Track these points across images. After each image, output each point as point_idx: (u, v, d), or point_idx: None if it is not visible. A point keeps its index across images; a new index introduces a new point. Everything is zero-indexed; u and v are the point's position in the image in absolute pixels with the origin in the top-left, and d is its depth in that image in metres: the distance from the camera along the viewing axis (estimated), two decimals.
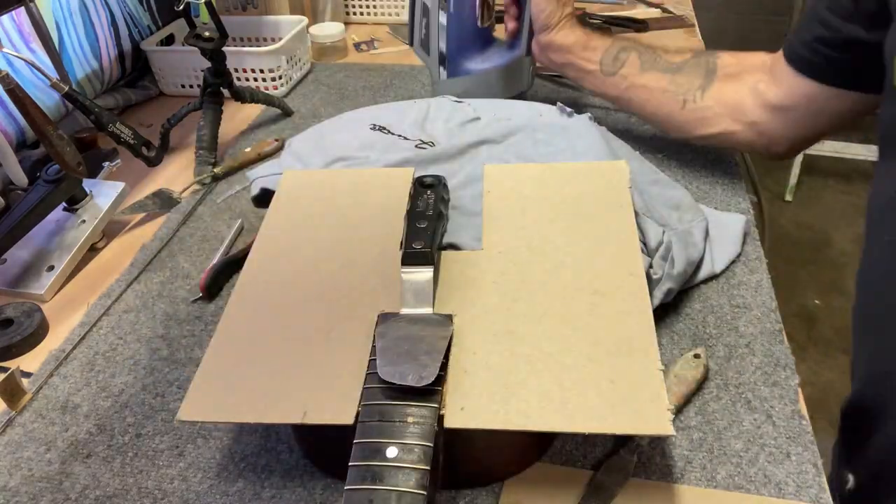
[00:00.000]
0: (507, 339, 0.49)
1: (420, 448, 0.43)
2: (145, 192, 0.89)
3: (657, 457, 0.54)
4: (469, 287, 0.54)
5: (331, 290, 0.55)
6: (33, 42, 0.97)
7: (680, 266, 0.65)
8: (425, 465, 0.42)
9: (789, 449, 0.54)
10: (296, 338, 0.52)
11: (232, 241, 0.80)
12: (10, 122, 0.92)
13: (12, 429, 0.60)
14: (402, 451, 0.43)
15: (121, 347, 0.67)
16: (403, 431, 0.44)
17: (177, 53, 1.16)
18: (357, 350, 0.49)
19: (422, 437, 0.44)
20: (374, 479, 0.42)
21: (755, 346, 0.63)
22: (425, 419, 0.44)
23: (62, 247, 0.78)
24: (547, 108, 0.79)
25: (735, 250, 0.73)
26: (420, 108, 0.81)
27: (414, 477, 0.42)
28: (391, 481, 0.42)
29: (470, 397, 0.46)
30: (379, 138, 0.75)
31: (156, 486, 0.54)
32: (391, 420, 0.44)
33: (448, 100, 0.83)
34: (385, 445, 0.43)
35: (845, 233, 2.31)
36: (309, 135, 0.80)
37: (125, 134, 0.87)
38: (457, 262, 0.56)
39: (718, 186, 0.84)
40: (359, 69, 1.23)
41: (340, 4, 1.41)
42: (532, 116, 0.77)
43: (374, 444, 0.43)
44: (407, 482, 0.42)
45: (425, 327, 0.50)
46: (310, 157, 0.74)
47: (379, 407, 0.45)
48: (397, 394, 0.45)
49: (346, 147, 0.74)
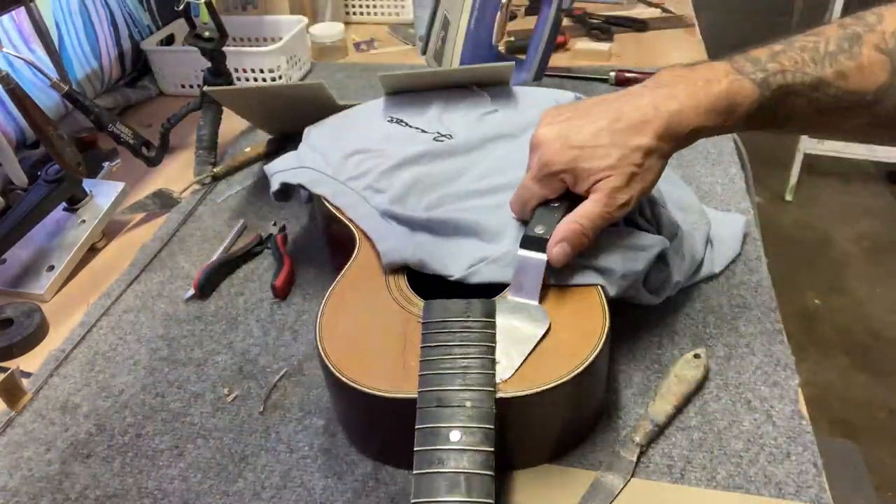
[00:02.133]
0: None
1: (481, 431, 0.45)
2: (145, 191, 0.89)
3: (657, 456, 0.54)
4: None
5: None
6: (33, 42, 0.97)
7: (687, 262, 0.65)
8: (489, 446, 0.44)
9: (789, 449, 0.54)
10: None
11: (232, 241, 0.80)
12: (10, 122, 0.92)
13: (12, 429, 0.60)
14: (464, 435, 0.45)
15: (120, 347, 0.67)
16: (463, 416, 0.46)
17: (177, 53, 1.16)
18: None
19: (482, 420, 0.45)
20: (441, 463, 0.44)
21: (755, 345, 0.63)
22: (483, 402, 0.46)
23: (62, 247, 0.78)
24: (566, 97, 0.78)
25: (735, 251, 0.73)
26: (437, 99, 0.80)
27: (479, 459, 0.44)
28: (458, 464, 0.43)
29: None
30: (397, 131, 0.75)
31: (156, 486, 0.54)
32: (450, 405, 0.46)
33: (465, 89, 0.81)
34: (447, 430, 0.45)
35: (846, 233, 2.31)
36: (326, 127, 0.79)
37: (125, 134, 0.87)
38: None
39: (718, 186, 0.84)
40: (359, 69, 1.23)
41: (340, 4, 1.41)
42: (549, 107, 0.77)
43: (435, 428, 0.45)
44: (473, 464, 0.43)
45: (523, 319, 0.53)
46: (328, 150, 0.73)
47: (437, 393, 0.47)
48: (454, 379, 0.48)
49: (364, 139, 0.74)
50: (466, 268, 0.58)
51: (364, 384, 0.49)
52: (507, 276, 0.56)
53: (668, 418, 0.56)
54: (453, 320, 0.52)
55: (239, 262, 0.76)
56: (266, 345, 0.66)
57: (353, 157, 0.71)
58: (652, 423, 0.55)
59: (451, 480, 0.43)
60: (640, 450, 0.54)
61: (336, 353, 0.52)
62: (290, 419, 0.59)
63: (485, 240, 0.60)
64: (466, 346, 0.50)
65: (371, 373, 0.50)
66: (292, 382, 0.62)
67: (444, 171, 0.68)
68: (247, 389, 0.62)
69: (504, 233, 0.59)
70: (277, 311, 0.70)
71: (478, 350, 0.50)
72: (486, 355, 0.50)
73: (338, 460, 0.55)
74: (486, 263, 0.58)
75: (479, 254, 0.59)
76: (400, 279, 0.59)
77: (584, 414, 0.55)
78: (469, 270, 0.58)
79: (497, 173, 0.66)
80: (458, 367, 0.49)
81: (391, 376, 0.50)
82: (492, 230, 0.60)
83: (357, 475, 0.54)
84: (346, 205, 0.66)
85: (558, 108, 0.57)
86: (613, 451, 0.54)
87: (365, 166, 0.70)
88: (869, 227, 2.33)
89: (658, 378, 0.60)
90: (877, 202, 2.46)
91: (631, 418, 0.57)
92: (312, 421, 0.58)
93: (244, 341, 0.67)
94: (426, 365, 0.49)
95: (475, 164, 0.69)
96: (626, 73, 1.09)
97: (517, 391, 0.48)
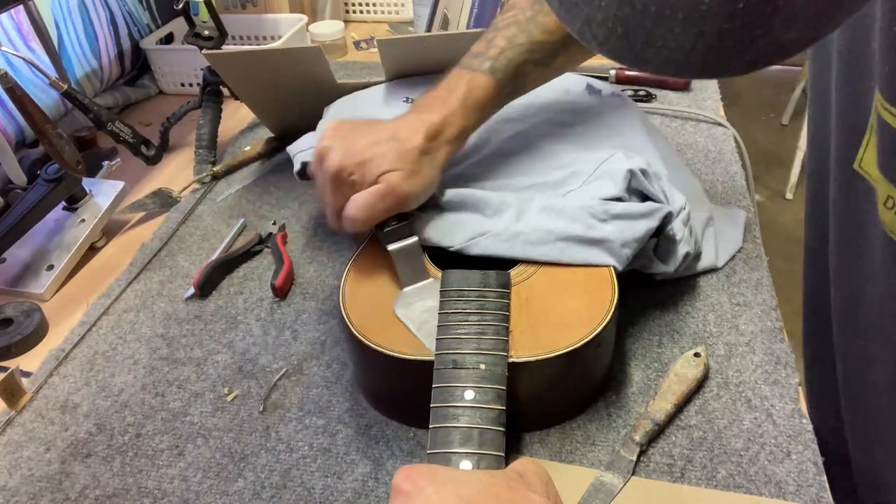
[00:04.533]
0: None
1: (494, 391, 0.48)
2: (145, 191, 0.89)
3: (657, 456, 0.54)
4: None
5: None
6: (32, 41, 0.97)
7: (693, 238, 0.66)
8: (500, 405, 0.47)
9: (790, 448, 0.54)
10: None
11: (232, 240, 0.80)
12: (9, 121, 0.92)
13: (12, 428, 0.60)
14: (478, 394, 0.47)
15: (120, 347, 0.67)
16: (477, 376, 0.49)
17: (176, 52, 1.15)
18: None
19: (495, 381, 0.48)
20: (455, 419, 0.46)
21: (756, 344, 0.63)
22: (497, 365, 0.49)
23: (62, 246, 0.78)
24: (576, 82, 0.79)
25: (737, 244, 0.73)
26: None
27: (491, 416, 0.46)
28: (471, 420, 0.46)
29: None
30: None
31: (156, 485, 0.54)
32: (465, 367, 0.50)
33: None
34: (462, 389, 0.48)
35: None
36: (346, 105, 0.82)
37: (124, 133, 0.87)
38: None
39: (719, 184, 0.84)
40: (358, 67, 1.22)
41: (340, 3, 1.41)
42: (559, 92, 0.78)
43: (451, 388, 0.48)
44: (486, 420, 0.46)
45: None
46: None
47: (453, 356, 0.51)
48: (468, 343, 0.51)
49: (383, 117, 0.75)
50: (466, 240, 0.61)
51: (386, 347, 0.53)
52: (504, 250, 0.59)
53: (668, 417, 0.56)
54: (470, 289, 0.56)
55: (239, 261, 0.76)
56: (266, 344, 0.66)
57: None
58: (652, 421, 0.54)
59: (465, 434, 0.45)
60: (640, 448, 0.54)
61: (359, 318, 0.55)
62: (289, 419, 0.59)
63: (487, 215, 0.62)
64: (482, 313, 0.54)
65: (392, 337, 0.54)
66: (292, 382, 0.62)
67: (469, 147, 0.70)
68: (247, 389, 0.62)
69: (505, 210, 0.62)
70: (277, 311, 0.70)
71: (493, 318, 0.53)
72: (501, 322, 0.53)
73: (338, 460, 0.55)
74: (486, 237, 0.60)
75: (480, 228, 0.61)
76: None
77: (593, 378, 0.58)
78: (469, 242, 0.60)
79: (501, 155, 0.69)
80: (474, 332, 0.52)
81: (411, 340, 0.54)
82: (494, 206, 0.62)
83: (357, 475, 0.54)
84: None
85: (338, 123, 0.63)
86: (614, 450, 0.54)
87: None
88: None
89: (658, 377, 0.60)
90: None
91: (631, 417, 0.57)
92: (312, 421, 0.58)
93: (244, 341, 0.67)
94: (443, 330, 0.53)
95: (485, 144, 0.71)
96: (626, 71, 1.09)
97: (529, 356, 0.51)
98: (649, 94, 1.03)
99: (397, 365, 0.53)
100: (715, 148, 0.91)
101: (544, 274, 0.58)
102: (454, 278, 0.57)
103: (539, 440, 0.55)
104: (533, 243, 0.59)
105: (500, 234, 0.60)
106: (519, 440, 0.55)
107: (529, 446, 0.55)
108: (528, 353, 0.51)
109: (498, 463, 0.44)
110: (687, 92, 1.05)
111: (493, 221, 0.61)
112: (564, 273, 0.58)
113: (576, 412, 0.57)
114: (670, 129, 0.96)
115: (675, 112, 0.99)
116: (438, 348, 0.51)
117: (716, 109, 1.00)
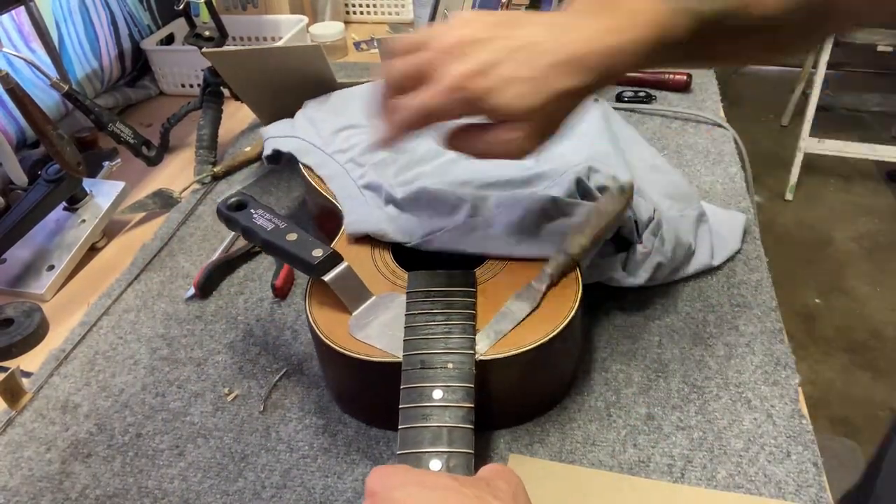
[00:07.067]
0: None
1: (462, 389, 0.48)
2: (145, 191, 0.89)
3: (657, 456, 0.54)
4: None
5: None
6: (33, 41, 0.97)
7: (669, 244, 0.66)
8: (469, 403, 0.47)
9: (789, 448, 0.54)
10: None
11: (232, 240, 0.80)
12: (10, 121, 0.92)
13: (12, 428, 0.60)
14: (446, 393, 0.47)
15: (121, 347, 0.67)
16: (445, 376, 0.49)
17: (177, 53, 1.15)
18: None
19: (462, 380, 0.48)
20: (425, 419, 0.46)
21: (755, 345, 0.63)
22: (464, 364, 0.50)
23: (62, 246, 0.78)
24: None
25: (735, 246, 0.73)
26: None
27: (460, 414, 0.46)
28: (440, 419, 0.46)
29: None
30: None
31: (156, 485, 0.54)
32: (433, 367, 0.49)
33: None
34: (430, 389, 0.48)
35: (846, 232, 2.31)
36: (324, 101, 0.83)
37: (125, 133, 0.87)
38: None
39: (719, 185, 0.84)
40: (359, 68, 1.22)
41: (340, 4, 1.41)
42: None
43: (419, 388, 0.48)
44: (455, 419, 0.46)
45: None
46: (321, 122, 0.78)
47: (421, 356, 0.50)
48: (436, 343, 0.51)
49: (357, 116, 0.77)
50: (423, 235, 0.61)
51: (352, 350, 0.52)
52: (460, 245, 0.60)
53: (583, 251, 0.57)
54: (436, 289, 0.56)
55: (239, 261, 0.76)
56: (266, 344, 0.66)
57: (343, 132, 0.76)
58: (565, 254, 0.56)
59: (435, 433, 0.45)
60: (551, 280, 0.56)
61: (326, 323, 0.55)
62: (290, 419, 0.59)
63: (444, 212, 0.63)
64: (448, 313, 0.54)
65: (359, 343, 0.53)
66: (292, 382, 0.62)
67: (427, 150, 0.70)
68: (247, 389, 0.62)
69: (461, 206, 0.63)
70: (277, 311, 0.70)
71: (459, 317, 0.53)
72: (468, 321, 0.53)
73: (338, 460, 0.55)
74: (443, 232, 0.61)
75: (438, 224, 0.62)
76: (385, 253, 0.62)
77: (561, 372, 0.59)
78: (426, 238, 0.61)
79: (457, 160, 0.69)
80: (441, 332, 0.52)
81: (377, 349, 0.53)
82: (451, 203, 0.63)
83: (357, 475, 0.54)
84: (328, 175, 0.71)
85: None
86: (529, 284, 0.56)
87: (352, 141, 0.74)
88: (869, 226, 2.33)
89: (658, 377, 0.60)
90: (877, 202, 2.46)
91: (632, 417, 0.57)
92: (312, 420, 0.58)
93: (244, 341, 0.67)
94: (411, 331, 0.52)
95: (443, 151, 0.71)
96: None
97: (495, 354, 0.51)
98: (649, 95, 1.03)
99: (366, 368, 0.52)
100: (715, 149, 0.91)
101: (510, 272, 0.59)
102: (420, 279, 0.57)
103: (539, 440, 0.55)
104: (487, 238, 0.60)
105: (455, 228, 0.61)
106: (518, 440, 0.56)
107: (529, 446, 0.55)
108: (495, 351, 0.51)
109: (467, 461, 0.44)
110: (687, 93, 1.05)
111: (450, 218, 0.62)
112: (529, 270, 0.58)
113: (546, 408, 0.58)
114: (670, 130, 0.96)
115: (674, 113, 0.99)
116: (406, 349, 0.51)
117: (716, 110, 1.00)
